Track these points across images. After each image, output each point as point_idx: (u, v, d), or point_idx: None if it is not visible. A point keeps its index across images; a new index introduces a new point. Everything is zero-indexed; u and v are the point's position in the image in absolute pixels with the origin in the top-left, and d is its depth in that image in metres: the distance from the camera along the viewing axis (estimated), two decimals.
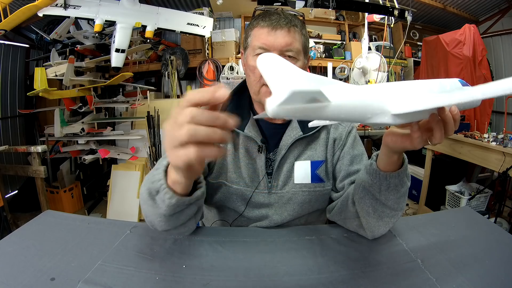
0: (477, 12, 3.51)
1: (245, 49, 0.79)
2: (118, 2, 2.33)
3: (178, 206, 0.53)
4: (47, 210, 0.78)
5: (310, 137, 0.81)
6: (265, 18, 0.74)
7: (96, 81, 2.84)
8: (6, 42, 3.01)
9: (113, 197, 2.80)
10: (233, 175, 0.79)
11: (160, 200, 0.52)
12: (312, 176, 0.79)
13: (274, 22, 0.72)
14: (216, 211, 0.85)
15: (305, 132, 0.79)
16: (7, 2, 1.98)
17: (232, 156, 0.79)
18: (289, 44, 0.72)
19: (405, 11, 2.58)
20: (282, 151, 0.78)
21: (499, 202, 2.35)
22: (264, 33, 0.73)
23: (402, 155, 0.57)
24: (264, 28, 0.73)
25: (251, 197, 0.79)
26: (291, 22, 0.73)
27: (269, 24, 0.72)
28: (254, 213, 0.80)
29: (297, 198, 0.79)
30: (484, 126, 2.77)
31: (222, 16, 3.46)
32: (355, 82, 3.18)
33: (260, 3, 2.32)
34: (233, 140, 0.80)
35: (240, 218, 0.81)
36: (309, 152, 0.80)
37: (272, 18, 0.73)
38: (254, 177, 0.79)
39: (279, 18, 0.73)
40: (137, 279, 0.53)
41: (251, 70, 0.75)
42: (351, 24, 3.62)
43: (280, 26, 0.72)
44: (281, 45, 0.71)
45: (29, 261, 0.56)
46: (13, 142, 3.13)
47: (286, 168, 0.79)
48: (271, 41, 0.72)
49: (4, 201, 2.18)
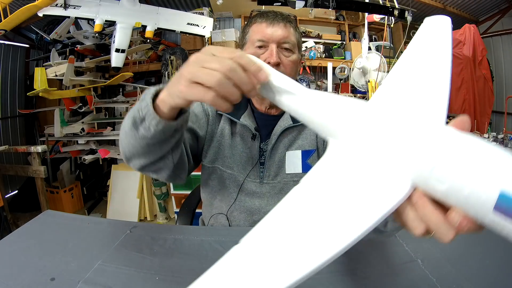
0: (477, 12, 3.51)
1: (243, 45, 0.83)
2: (118, 2, 2.33)
3: (163, 133, 0.51)
4: (47, 210, 0.78)
5: (301, 127, 0.83)
6: (263, 16, 0.80)
7: (96, 81, 2.84)
8: (6, 42, 3.00)
9: (113, 197, 2.80)
10: (227, 161, 0.82)
11: (144, 128, 0.50)
12: (303, 165, 0.81)
13: (271, 18, 0.78)
14: (212, 201, 0.86)
15: (294, 122, 0.81)
16: (7, 2, 1.98)
17: (228, 142, 0.82)
18: (286, 36, 0.77)
19: (405, 11, 2.58)
20: (272, 141, 0.80)
21: None
22: (262, 27, 0.78)
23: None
24: (262, 23, 0.79)
25: (243, 184, 0.81)
26: (287, 19, 0.80)
27: (267, 20, 0.78)
28: (247, 203, 0.81)
29: (289, 189, 0.79)
30: (484, 126, 2.77)
31: (222, 16, 3.46)
32: (355, 82, 3.18)
33: (260, 3, 2.32)
34: (230, 128, 0.83)
35: (234, 208, 0.82)
36: (300, 141, 0.82)
37: (269, 15, 0.79)
38: (247, 165, 0.82)
39: (276, 15, 0.79)
40: (137, 279, 0.53)
41: None
42: (351, 24, 3.62)
43: (277, 21, 0.78)
44: (279, 37, 0.77)
45: (29, 261, 0.56)
46: (13, 142, 3.13)
47: (278, 158, 0.81)
48: (270, 34, 0.77)
49: (4, 201, 2.18)
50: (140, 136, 0.52)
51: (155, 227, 0.83)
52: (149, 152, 0.56)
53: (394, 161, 0.29)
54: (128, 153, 0.59)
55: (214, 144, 0.83)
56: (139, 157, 0.58)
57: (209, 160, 0.83)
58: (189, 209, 1.06)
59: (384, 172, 0.29)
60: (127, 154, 0.59)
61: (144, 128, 0.50)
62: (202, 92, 0.38)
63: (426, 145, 0.26)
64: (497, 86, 3.27)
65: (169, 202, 2.83)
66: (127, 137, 0.55)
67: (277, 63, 0.76)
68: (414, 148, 0.27)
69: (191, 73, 0.39)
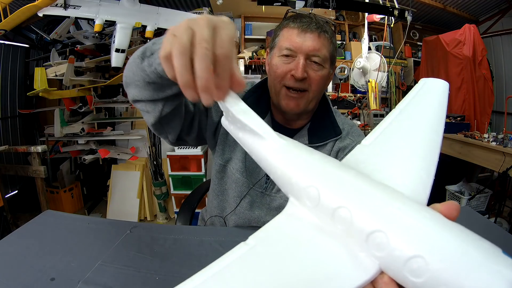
0: (477, 12, 3.51)
1: (271, 48, 0.78)
2: (118, 2, 2.33)
3: (160, 78, 0.50)
4: (47, 210, 0.78)
5: (315, 148, 0.79)
6: (296, 20, 0.72)
7: (96, 81, 2.83)
8: (6, 42, 3.00)
9: (113, 197, 2.80)
10: (239, 164, 0.80)
11: (149, 62, 0.50)
12: None
13: (305, 25, 0.71)
14: (213, 200, 0.86)
15: (311, 142, 0.78)
16: (7, 2, 1.98)
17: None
18: (317, 49, 0.71)
19: (405, 11, 2.58)
20: None
21: (499, 202, 2.35)
22: (293, 34, 0.71)
23: None
24: (293, 29, 0.72)
25: (247, 193, 0.79)
26: (322, 28, 0.72)
27: (299, 26, 0.71)
28: (247, 211, 0.80)
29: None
30: (484, 126, 2.76)
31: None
32: (355, 82, 3.18)
33: (260, 3, 2.32)
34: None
35: (234, 213, 0.81)
36: None
37: (303, 21, 0.72)
38: (255, 173, 0.80)
39: (310, 22, 0.71)
40: (137, 279, 0.53)
41: (274, 69, 0.75)
42: (351, 24, 3.62)
43: (310, 30, 0.70)
44: (308, 48, 0.70)
45: (29, 261, 0.56)
46: (13, 142, 3.13)
47: None
48: (299, 43, 0.70)
49: (4, 201, 2.18)
50: (141, 68, 0.52)
51: (155, 227, 0.83)
52: (143, 87, 0.56)
53: (361, 239, 0.24)
54: (127, 79, 0.59)
55: (229, 142, 0.81)
56: (134, 87, 0.58)
57: (224, 158, 0.81)
58: (189, 209, 1.06)
59: (347, 250, 0.25)
60: (127, 79, 0.59)
61: (148, 62, 0.50)
62: (171, 73, 0.35)
63: (404, 229, 0.22)
64: (497, 86, 3.27)
65: (169, 202, 2.83)
66: (133, 62, 0.55)
67: (303, 78, 0.71)
68: (390, 228, 0.23)
69: (165, 48, 0.35)
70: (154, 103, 0.60)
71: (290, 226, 0.29)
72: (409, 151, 0.33)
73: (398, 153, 0.33)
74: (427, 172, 0.31)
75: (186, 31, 0.33)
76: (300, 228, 0.29)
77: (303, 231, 0.28)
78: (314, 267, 0.25)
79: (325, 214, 0.28)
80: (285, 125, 0.82)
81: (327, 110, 0.83)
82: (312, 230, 0.28)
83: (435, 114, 0.38)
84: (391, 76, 3.30)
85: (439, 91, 0.41)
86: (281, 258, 0.26)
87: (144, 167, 2.83)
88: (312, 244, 0.27)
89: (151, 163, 2.68)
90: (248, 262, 0.26)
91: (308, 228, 0.28)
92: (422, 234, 0.22)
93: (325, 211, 0.28)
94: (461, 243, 0.21)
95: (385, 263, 0.23)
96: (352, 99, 3.16)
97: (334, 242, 0.26)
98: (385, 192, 0.26)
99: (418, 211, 0.24)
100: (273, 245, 0.27)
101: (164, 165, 2.72)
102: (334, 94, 3.12)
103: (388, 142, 0.36)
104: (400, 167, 0.31)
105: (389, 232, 0.23)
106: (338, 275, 0.24)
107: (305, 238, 0.28)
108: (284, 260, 0.26)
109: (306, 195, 0.30)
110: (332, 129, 0.80)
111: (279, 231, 0.29)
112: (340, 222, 0.26)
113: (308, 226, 0.29)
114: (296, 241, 0.28)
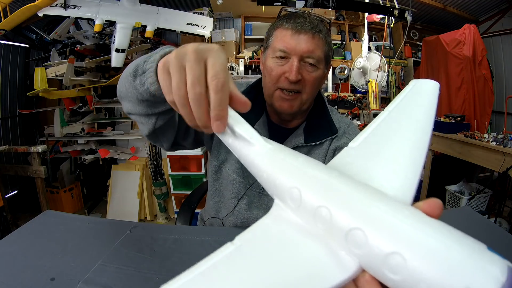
0: (477, 12, 3.51)
1: (265, 48, 0.77)
2: (118, 2, 2.33)
3: (153, 96, 0.50)
4: (47, 210, 0.78)
5: (311, 147, 0.79)
6: (290, 20, 0.71)
7: (96, 81, 2.84)
8: (6, 42, 3.00)
9: (113, 197, 2.80)
10: (235, 165, 0.79)
11: (141, 81, 0.49)
12: None
13: (299, 26, 0.69)
14: (210, 201, 0.86)
15: (307, 142, 0.78)
16: (7, 2, 1.98)
17: None
18: (311, 51, 0.70)
19: (405, 11, 2.58)
20: None
21: (499, 202, 2.35)
22: (287, 35, 0.70)
23: None
24: (287, 30, 0.70)
25: (245, 194, 0.79)
26: (316, 28, 0.70)
27: (293, 27, 0.70)
28: (245, 211, 0.80)
29: None
30: (484, 126, 2.76)
31: (222, 16, 3.46)
32: (355, 82, 3.18)
33: (260, 3, 2.32)
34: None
35: (232, 214, 0.81)
36: None
37: (297, 21, 0.70)
38: (251, 174, 0.79)
39: (304, 22, 0.70)
40: (137, 279, 0.53)
41: (268, 71, 0.74)
42: (351, 24, 3.62)
43: (304, 30, 0.69)
44: (302, 50, 0.69)
45: (29, 261, 0.56)
46: (13, 142, 3.13)
47: None
48: (293, 45, 0.69)
49: (4, 201, 2.18)
50: (134, 86, 0.51)
51: (155, 227, 0.83)
52: (136, 103, 0.56)
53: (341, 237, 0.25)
54: (121, 93, 0.59)
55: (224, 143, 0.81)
56: (128, 102, 0.58)
57: (219, 159, 0.81)
58: (189, 209, 1.06)
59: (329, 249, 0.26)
60: (120, 94, 0.59)
61: (141, 81, 0.49)
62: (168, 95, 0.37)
63: (382, 226, 0.23)
64: (497, 86, 3.27)
65: (169, 202, 2.83)
66: (125, 79, 0.54)
67: (297, 81, 0.70)
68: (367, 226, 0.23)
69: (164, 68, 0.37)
70: (148, 116, 0.60)
71: (275, 227, 0.30)
72: (396, 151, 0.34)
73: (385, 154, 0.34)
74: (413, 172, 0.31)
75: (178, 72, 0.35)
76: (284, 229, 0.30)
77: (287, 232, 0.29)
78: (296, 266, 0.25)
79: (307, 214, 0.28)
80: (281, 125, 0.82)
81: (323, 109, 0.83)
82: (296, 230, 0.29)
83: (424, 114, 0.38)
84: (391, 76, 3.30)
85: (429, 91, 0.41)
86: (265, 257, 0.27)
87: (144, 167, 2.83)
88: (295, 244, 0.28)
89: (151, 163, 2.68)
90: (233, 262, 0.26)
91: (292, 229, 0.29)
92: (401, 231, 0.22)
93: (307, 211, 0.28)
94: (443, 240, 0.21)
95: (365, 261, 0.23)
96: (352, 99, 3.16)
97: (316, 242, 0.27)
98: (366, 191, 0.27)
99: (398, 209, 0.24)
100: (257, 245, 0.28)
101: (164, 165, 2.72)
102: (334, 94, 3.12)
103: (376, 143, 0.36)
104: (386, 168, 0.32)
105: (367, 229, 0.23)
106: (320, 273, 0.24)
107: (289, 238, 0.28)
108: (268, 259, 0.26)
109: (289, 196, 0.31)
110: (329, 128, 0.80)
111: (264, 232, 0.30)
112: (320, 221, 0.27)
113: (292, 226, 0.30)
114: (280, 241, 0.28)
